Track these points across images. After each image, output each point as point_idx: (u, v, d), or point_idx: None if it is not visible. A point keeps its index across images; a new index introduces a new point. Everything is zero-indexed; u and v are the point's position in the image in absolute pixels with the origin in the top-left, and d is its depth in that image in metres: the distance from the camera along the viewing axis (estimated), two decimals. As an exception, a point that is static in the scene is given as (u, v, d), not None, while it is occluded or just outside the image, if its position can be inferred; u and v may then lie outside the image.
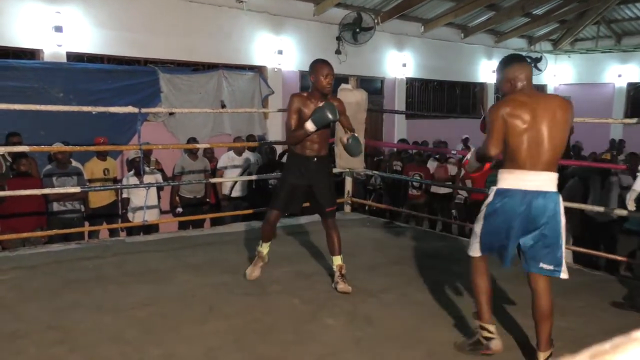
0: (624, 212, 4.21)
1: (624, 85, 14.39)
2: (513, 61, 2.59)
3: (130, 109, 4.61)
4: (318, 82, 3.46)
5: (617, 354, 0.44)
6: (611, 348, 0.44)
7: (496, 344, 2.54)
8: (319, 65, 3.50)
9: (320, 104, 3.42)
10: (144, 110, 4.94)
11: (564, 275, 2.46)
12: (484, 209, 2.57)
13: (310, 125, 3.38)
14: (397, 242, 4.93)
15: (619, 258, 4.76)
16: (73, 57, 7.48)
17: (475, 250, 2.62)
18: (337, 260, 3.58)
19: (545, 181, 2.44)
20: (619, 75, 14.35)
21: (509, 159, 2.47)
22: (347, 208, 6.12)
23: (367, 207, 7.59)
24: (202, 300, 3.38)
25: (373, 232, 5.27)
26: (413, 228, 5.86)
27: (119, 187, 6.43)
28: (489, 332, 2.55)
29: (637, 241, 5.70)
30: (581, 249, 4.77)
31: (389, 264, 4.20)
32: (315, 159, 3.54)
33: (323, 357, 2.67)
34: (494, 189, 2.53)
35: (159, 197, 6.73)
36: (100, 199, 6.35)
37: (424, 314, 3.22)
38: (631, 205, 3.62)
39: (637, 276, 4.09)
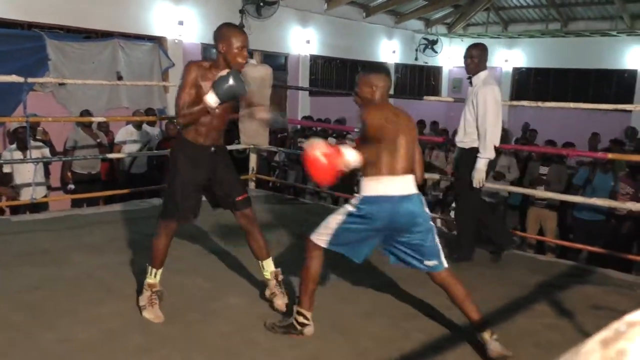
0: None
1: (510, 69, 15.42)
2: (381, 70, 2.62)
3: (14, 78, 4.23)
4: (230, 54, 2.64)
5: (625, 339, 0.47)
6: (616, 334, 0.48)
7: (309, 330, 2.62)
8: (232, 32, 2.67)
9: (224, 72, 2.63)
10: (30, 79, 4.56)
11: (445, 265, 2.58)
12: (347, 207, 2.52)
13: (212, 99, 2.57)
14: (302, 219, 4.99)
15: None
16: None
17: (322, 241, 2.58)
18: (271, 266, 2.95)
19: (408, 184, 2.48)
20: (506, 60, 15.34)
21: (373, 165, 2.42)
22: (252, 185, 6.10)
23: (271, 184, 7.61)
24: (99, 281, 3.24)
25: (278, 208, 5.30)
26: (316, 204, 5.97)
27: (1, 162, 5.92)
28: (306, 318, 2.62)
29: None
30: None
31: (293, 241, 4.25)
32: (213, 148, 2.79)
33: (228, 335, 2.68)
34: (360, 196, 2.47)
35: (48, 173, 6.28)
36: (-21, 175, 5.82)
37: (329, 289, 3.28)
38: (477, 183, 3.67)
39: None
